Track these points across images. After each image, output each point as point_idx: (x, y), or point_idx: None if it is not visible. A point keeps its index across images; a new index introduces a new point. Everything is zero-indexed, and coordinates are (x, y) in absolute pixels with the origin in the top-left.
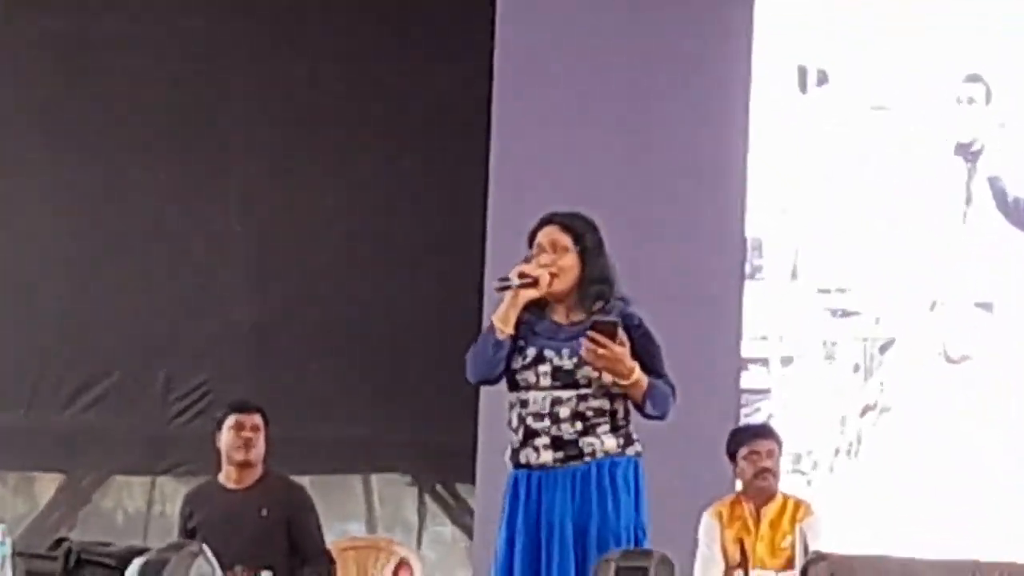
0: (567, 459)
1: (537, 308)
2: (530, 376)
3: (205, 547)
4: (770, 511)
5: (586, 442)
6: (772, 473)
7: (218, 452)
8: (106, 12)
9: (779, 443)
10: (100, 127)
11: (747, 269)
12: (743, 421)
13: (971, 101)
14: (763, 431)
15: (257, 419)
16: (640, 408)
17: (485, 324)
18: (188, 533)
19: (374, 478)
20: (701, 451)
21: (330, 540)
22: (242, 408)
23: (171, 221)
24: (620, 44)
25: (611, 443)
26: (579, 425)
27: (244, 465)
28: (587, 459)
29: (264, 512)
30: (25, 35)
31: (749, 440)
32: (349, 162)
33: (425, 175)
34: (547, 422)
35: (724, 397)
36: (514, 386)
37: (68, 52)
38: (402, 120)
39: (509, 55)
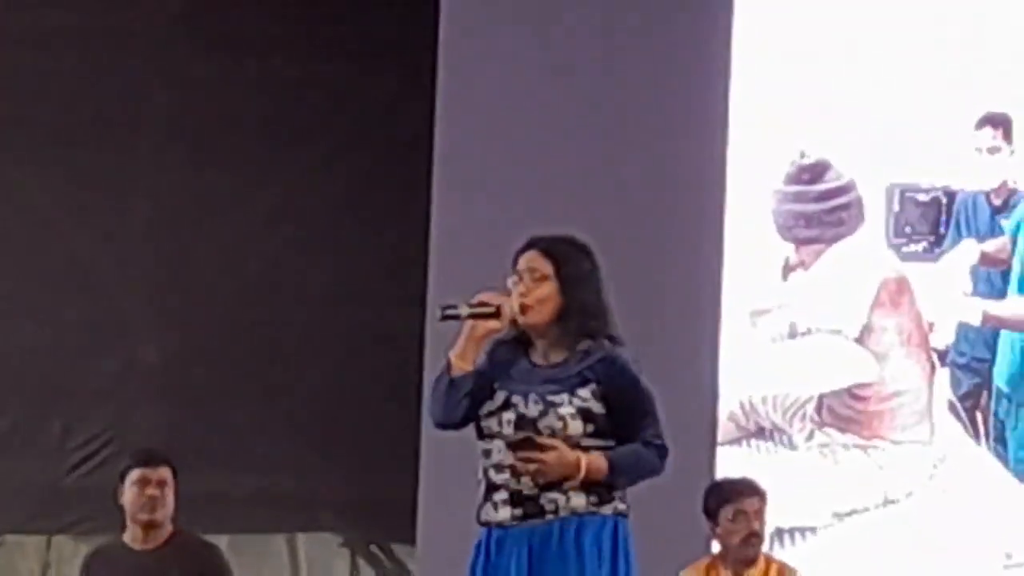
0: (525, 516)
1: (521, 347)
2: (493, 424)
3: None
4: (754, 574)
5: (548, 498)
6: (760, 538)
7: (121, 509)
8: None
9: (764, 499)
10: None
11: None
12: (718, 471)
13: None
14: (749, 488)
15: (164, 472)
16: (614, 488)
17: (427, 360)
18: None
19: (300, 537)
20: (670, 505)
21: None
22: (147, 461)
23: (67, 240)
24: (580, 37)
25: (579, 500)
26: (542, 479)
27: (150, 526)
28: (548, 517)
29: None
30: None
31: (735, 498)
32: (273, 174)
33: (359, 188)
34: (508, 475)
35: (697, 443)
36: (479, 434)
37: None
38: (332, 129)
39: (454, 53)
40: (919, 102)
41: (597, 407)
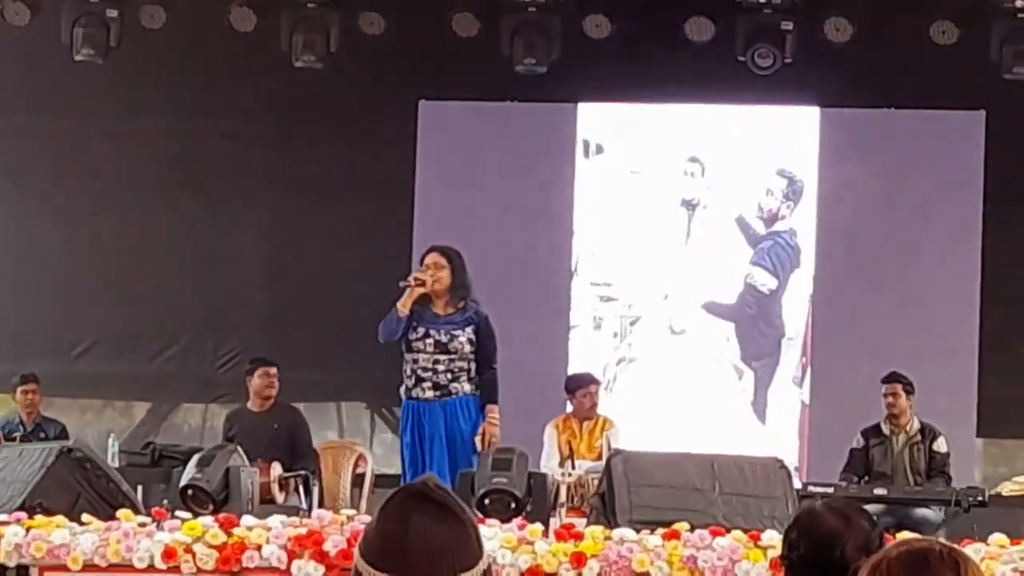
0: (441, 396)
1: (424, 302)
2: (420, 345)
3: (239, 448)
4: (589, 424)
5: (454, 386)
6: (596, 406)
7: (247, 389)
8: (175, 116)
9: (599, 384)
10: (171, 179)
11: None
12: (570, 367)
13: (692, 174)
14: (592, 378)
15: (275, 370)
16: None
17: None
18: (228, 439)
19: (343, 405)
20: (542, 389)
21: (316, 443)
22: (267, 363)
23: (214, 244)
24: (495, 146)
25: (468, 387)
26: (449, 376)
27: (268, 399)
28: (453, 396)
29: (276, 426)
30: (134, 137)
31: (586, 384)
32: (323, 216)
33: (373, 221)
34: (430, 373)
35: (557, 349)
36: (409, 350)
37: (153, 147)
38: (353, 184)
39: (428, 154)
40: None
41: (473, 338)
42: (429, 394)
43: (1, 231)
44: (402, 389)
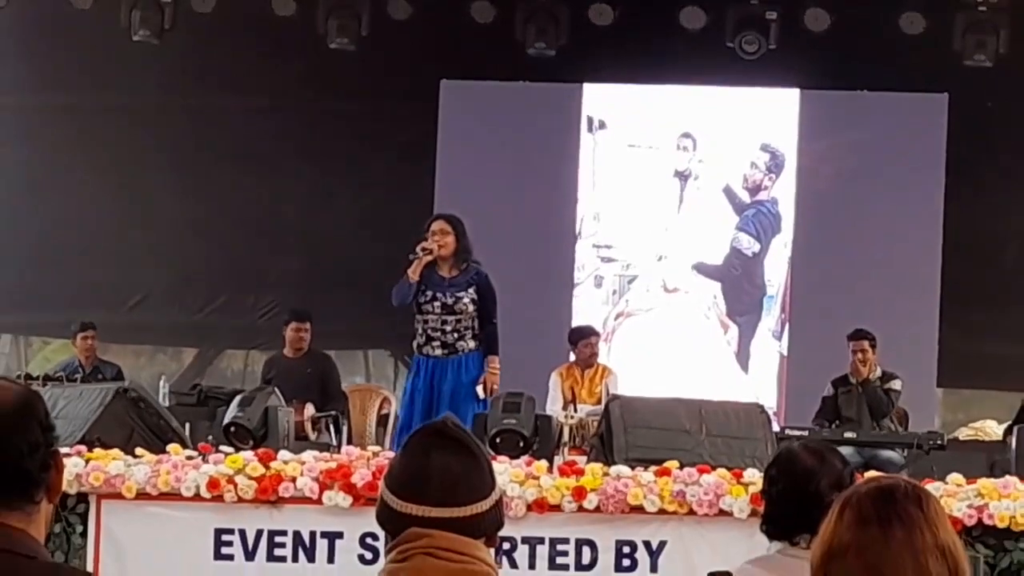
0: (449, 354)
1: (432, 267)
2: (428, 307)
3: (276, 390)
4: (590, 372)
5: (459, 344)
6: (596, 355)
7: (283, 338)
8: (222, 92)
9: (599, 336)
10: (218, 149)
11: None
12: (573, 320)
13: (685, 148)
14: (593, 330)
15: (307, 325)
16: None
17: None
18: (266, 382)
19: (370, 352)
20: (548, 340)
21: (345, 386)
22: (301, 316)
23: (256, 208)
24: (508, 122)
25: (472, 344)
26: (456, 335)
27: (299, 349)
28: (460, 353)
29: (309, 371)
30: (185, 111)
31: (587, 336)
32: (353, 184)
33: (398, 189)
34: (438, 332)
35: (561, 304)
36: (419, 311)
37: (201, 120)
38: (381, 155)
39: (448, 128)
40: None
41: (476, 297)
42: (438, 352)
43: (66, 198)
44: (415, 344)
